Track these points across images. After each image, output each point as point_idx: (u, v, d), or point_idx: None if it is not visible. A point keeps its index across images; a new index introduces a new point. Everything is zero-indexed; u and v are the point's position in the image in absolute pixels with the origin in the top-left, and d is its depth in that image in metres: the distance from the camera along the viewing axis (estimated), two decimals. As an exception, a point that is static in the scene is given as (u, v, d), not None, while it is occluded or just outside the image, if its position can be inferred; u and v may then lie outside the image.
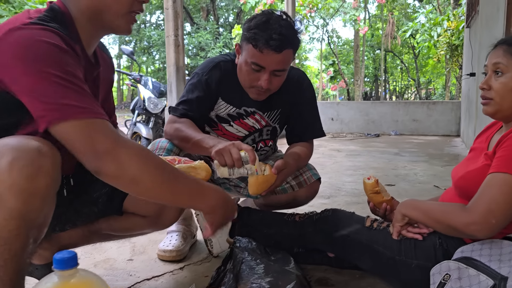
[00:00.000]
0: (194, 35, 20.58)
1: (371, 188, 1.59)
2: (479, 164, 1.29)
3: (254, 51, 1.48)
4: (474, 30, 5.16)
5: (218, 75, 1.66)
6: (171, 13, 4.10)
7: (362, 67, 18.66)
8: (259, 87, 1.55)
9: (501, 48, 1.26)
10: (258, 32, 1.46)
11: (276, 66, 1.51)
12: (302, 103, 1.79)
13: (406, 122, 7.33)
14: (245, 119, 1.76)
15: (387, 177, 3.58)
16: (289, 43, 1.48)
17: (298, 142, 1.81)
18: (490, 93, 1.26)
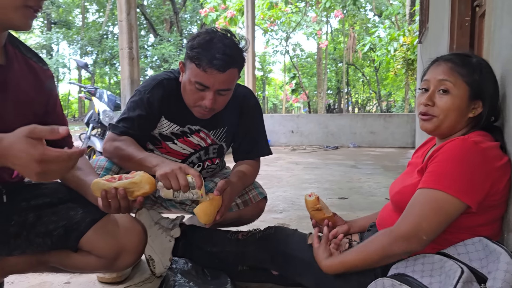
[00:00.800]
0: (157, 46, 20.39)
1: (312, 205, 1.59)
2: (413, 180, 1.30)
3: (197, 70, 1.45)
4: (425, 46, 5.35)
5: (160, 93, 1.62)
6: (125, 26, 4.03)
7: (325, 80, 19.03)
8: (203, 106, 1.52)
9: (446, 65, 1.26)
10: (201, 52, 1.43)
11: (220, 86, 1.48)
12: (248, 121, 1.78)
13: (364, 135, 7.48)
14: (189, 137, 1.73)
15: (341, 190, 3.62)
16: (233, 62, 1.46)
17: (245, 160, 1.80)
18: (433, 110, 1.25)
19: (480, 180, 1.12)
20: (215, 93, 1.49)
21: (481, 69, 1.26)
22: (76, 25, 26.13)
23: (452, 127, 1.26)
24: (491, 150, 1.16)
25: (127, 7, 4.05)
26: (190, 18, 23.03)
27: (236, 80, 1.55)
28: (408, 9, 12.20)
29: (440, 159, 1.17)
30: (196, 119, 1.67)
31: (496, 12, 1.54)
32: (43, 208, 1.22)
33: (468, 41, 2.88)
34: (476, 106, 1.25)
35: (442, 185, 1.12)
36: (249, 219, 1.89)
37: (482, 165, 1.12)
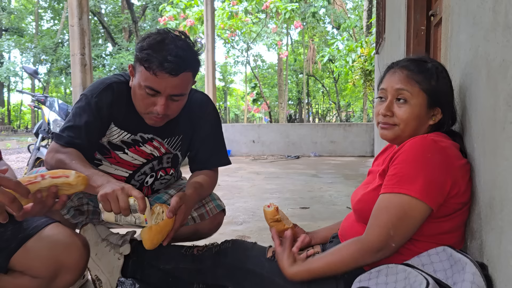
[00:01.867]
0: (115, 55, 19.94)
1: (271, 216, 1.51)
2: (374, 184, 1.25)
3: (147, 74, 1.33)
4: (382, 56, 5.45)
5: (110, 97, 1.48)
6: (76, 31, 3.84)
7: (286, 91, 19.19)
8: (155, 113, 1.41)
9: (402, 73, 1.22)
10: (151, 53, 1.31)
11: (172, 91, 1.36)
12: (205, 129, 1.66)
13: (325, 144, 7.53)
14: (141, 146, 1.60)
15: (302, 200, 3.57)
16: (187, 65, 1.35)
17: (201, 170, 1.69)
18: (393, 120, 1.21)
19: (441, 179, 1.08)
20: (167, 98, 1.38)
21: (438, 74, 1.22)
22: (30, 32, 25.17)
23: (412, 135, 1.22)
24: (450, 149, 1.13)
25: (78, 11, 3.87)
26: (150, 27, 22.70)
27: (190, 85, 1.44)
28: (365, 22, 12.53)
29: (400, 160, 1.12)
30: (148, 126, 1.54)
31: (453, 18, 1.53)
32: None
33: (424, 49, 2.92)
34: (436, 113, 1.22)
35: (404, 188, 1.08)
36: (206, 233, 1.79)
37: (442, 163, 1.09)
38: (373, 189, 1.23)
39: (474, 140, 1.19)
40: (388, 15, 4.53)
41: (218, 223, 1.79)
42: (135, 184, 1.70)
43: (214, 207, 1.75)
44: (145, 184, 1.73)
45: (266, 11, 10.42)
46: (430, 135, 1.16)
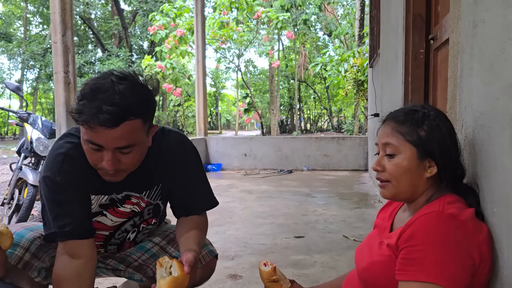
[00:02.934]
0: (105, 62, 19.70)
1: (268, 276, 1.36)
2: (383, 254, 1.11)
3: (83, 128, 1.17)
4: (376, 71, 5.34)
5: (72, 168, 1.30)
6: (60, 48, 3.67)
7: (277, 97, 19.08)
8: (104, 169, 1.23)
9: (389, 125, 1.13)
10: (85, 104, 1.14)
11: (116, 143, 1.18)
12: (186, 173, 1.49)
13: (318, 157, 7.40)
14: (120, 207, 1.44)
15: (297, 226, 3.43)
16: (128, 113, 1.15)
17: (189, 216, 1.51)
18: (385, 175, 1.12)
19: (469, 262, 0.95)
20: (113, 152, 1.20)
21: (428, 123, 1.10)
22: (18, 37, 24.82)
23: (411, 191, 1.11)
24: (470, 221, 1.00)
25: (62, 27, 3.70)
26: (140, 33, 22.49)
27: (141, 133, 1.23)
28: (357, 31, 12.47)
29: (419, 241, 0.98)
30: (120, 185, 1.37)
31: (463, 57, 1.39)
32: None
33: (423, 73, 2.80)
34: (430, 165, 1.09)
35: (432, 276, 0.93)
36: (197, 282, 1.63)
37: (465, 241, 0.96)
38: (383, 261, 1.09)
39: (494, 204, 1.05)
40: (383, 31, 4.41)
41: (211, 270, 1.65)
42: (115, 243, 1.55)
43: (206, 253, 1.60)
44: (127, 240, 1.58)
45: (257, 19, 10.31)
46: (445, 207, 1.03)
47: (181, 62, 9.82)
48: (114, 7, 21.08)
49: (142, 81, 1.23)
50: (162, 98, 23.06)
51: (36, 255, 1.32)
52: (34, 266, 1.32)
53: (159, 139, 1.39)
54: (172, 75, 9.35)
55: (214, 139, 7.82)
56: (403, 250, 1.01)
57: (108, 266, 1.64)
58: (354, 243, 2.92)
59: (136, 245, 1.64)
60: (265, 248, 2.86)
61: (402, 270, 0.99)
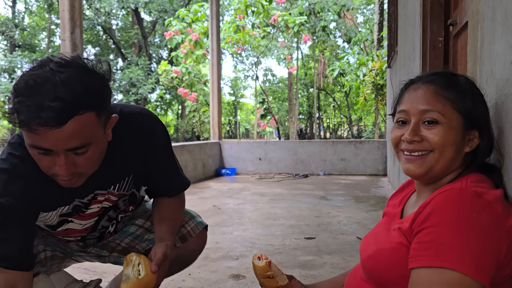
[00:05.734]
0: (125, 70, 19.95)
1: (262, 272, 1.20)
2: (391, 240, 0.95)
3: (24, 131, 0.98)
4: (394, 70, 5.16)
5: (20, 186, 1.12)
6: (68, 45, 3.63)
7: (296, 105, 18.94)
8: (58, 175, 1.05)
9: (428, 89, 0.94)
10: (22, 102, 0.93)
11: (66, 145, 0.98)
12: (156, 157, 1.32)
13: (335, 162, 7.20)
14: (86, 211, 1.30)
15: (308, 228, 3.26)
16: (75, 107, 0.95)
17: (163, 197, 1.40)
18: (424, 145, 0.93)
19: (495, 248, 0.78)
20: (66, 155, 1.00)
21: (474, 90, 0.96)
22: (42, 48, 25.43)
23: (446, 166, 0.93)
24: (497, 203, 0.83)
25: (71, 25, 3.65)
26: (159, 42, 22.73)
27: (96, 128, 1.03)
28: (376, 35, 12.26)
29: (436, 221, 0.81)
30: (82, 190, 1.20)
31: (484, 24, 1.24)
32: None
33: (442, 62, 2.62)
34: (472, 137, 0.94)
35: (449, 261, 0.75)
36: (189, 257, 1.52)
37: (492, 225, 0.79)
38: (391, 248, 0.93)
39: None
40: (401, 27, 4.24)
41: (202, 242, 1.53)
42: (93, 238, 1.44)
43: (195, 225, 1.49)
44: (107, 232, 1.46)
45: (274, 25, 10.23)
46: (468, 183, 0.87)
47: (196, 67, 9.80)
48: (135, 17, 21.40)
49: (90, 65, 1.02)
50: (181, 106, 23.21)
51: None
52: None
53: (119, 126, 1.16)
54: (187, 80, 9.33)
55: (229, 143, 7.71)
56: (418, 233, 0.84)
57: (90, 253, 1.53)
58: (368, 244, 2.73)
59: (117, 233, 1.52)
60: (272, 248, 2.70)
61: (415, 256, 0.82)
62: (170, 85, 9.81)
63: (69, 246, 1.48)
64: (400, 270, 0.89)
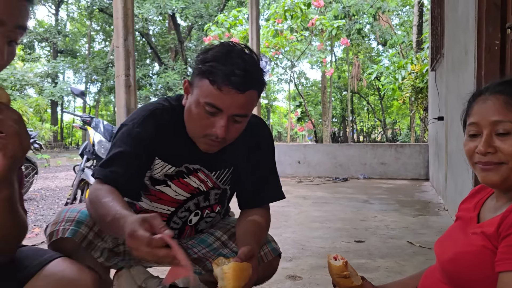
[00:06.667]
0: (162, 75, 20.40)
1: (338, 271, 1.23)
2: (474, 244, 0.98)
3: (210, 88, 1.16)
4: (439, 73, 5.08)
5: (152, 126, 1.29)
6: (121, 52, 3.78)
7: (330, 108, 18.83)
8: (213, 135, 1.21)
9: (497, 100, 0.96)
10: (216, 66, 1.15)
11: (236, 110, 1.18)
12: (259, 158, 1.44)
13: (374, 165, 7.14)
14: (186, 178, 1.39)
15: (356, 231, 3.26)
16: (254, 82, 1.19)
17: (253, 209, 1.45)
18: (498, 157, 0.95)
19: None
20: (229, 119, 1.19)
21: None
22: (82, 53, 26.35)
23: None
24: None
25: (124, 32, 3.81)
26: (195, 47, 23.13)
27: (254, 106, 1.26)
28: (415, 37, 12.06)
29: None
30: (196, 156, 1.34)
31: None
32: None
33: (497, 66, 2.58)
34: None
35: None
36: (258, 281, 1.54)
37: None
38: (475, 251, 0.95)
39: None
40: (449, 29, 4.19)
41: (273, 269, 1.53)
42: (177, 222, 1.50)
43: (269, 251, 1.49)
44: (189, 223, 1.52)
45: (311, 29, 10.24)
46: None
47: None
48: (171, 23, 21.86)
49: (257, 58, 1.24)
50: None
51: (99, 234, 1.30)
52: (97, 246, 1.29)
53: None
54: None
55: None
56: (506, 237, 0.87)
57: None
58: (420, 249, 2.72)
59: (197, 237, 1.58)
60: (324, 251, 2.73)
61: (503, 260, 0.85)
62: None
63: None
64: (483, 272, 0.92)
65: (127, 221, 0.99)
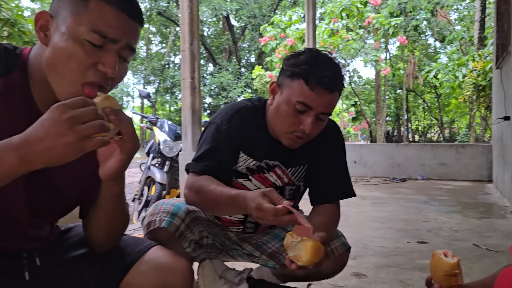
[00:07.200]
0: (216, 75, 20.84)
1: (450, 269, 1.16)
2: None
3: (304, 88, 1.30)
4: (505, 71, 4.89)
5: (239, 123, 1.45)
6: (187, 55, 3.99)
7: (384, 107, 18.40)
8: (300, 131, 1.36)
9: None
10: (309, 69, 1.30)
11: (324, 108, 1.34)
12: (331, 157, 1.55)
13: (434, 166, 6.95)
14: (266, 174, 1.52)
15: (418, 232, 3.25)
16: (339, 84, 1.36)
17: (324, 205, 1.54)
18: None
19: None
20: (315, 116, 1.33)
21: None
22: (141, 56, 27.44)
23: None
24: None
25: (190, 36, 4.01)
26: (248, 47, 23.42)
27: (335, 106, 1.42)
28: (477, 33, 11.56)
29: None
30: (275, 153, 1.48)
31: None
32: (77, 259, 1.09)
33: None
34: None
35: None
36: (329, 274, 1.62)
37: None
38: None
39: None
40: (517, 26, 4.03)
41: (343, 263, 1.62)
42: (253, 220, 1.62)
43: (339, 245, 1.58)
44: None
45: (366, 27, 10.10)
46: None
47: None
48: (225, 24, 22.27)
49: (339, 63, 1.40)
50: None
51: (189, 226, 1.44)
52: (186, 237, 1.43)
53: None
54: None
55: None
56: None
57: (244, 251, 1.70)
58: (487, 252, 2.68)
59: (271, 232, 1.69)
60: (387, 250, 2.76)
61: None
62: (263, 89, 10.14)
63: (228, 237, 1.67)
64: None
65: (247, 197, 1.16)
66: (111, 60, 0.89)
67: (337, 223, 1.56)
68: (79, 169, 0.91)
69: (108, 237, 1.08)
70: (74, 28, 0.86)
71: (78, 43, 0.86)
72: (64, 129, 0.72)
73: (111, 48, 0.89)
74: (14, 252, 1.02)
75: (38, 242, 1.06)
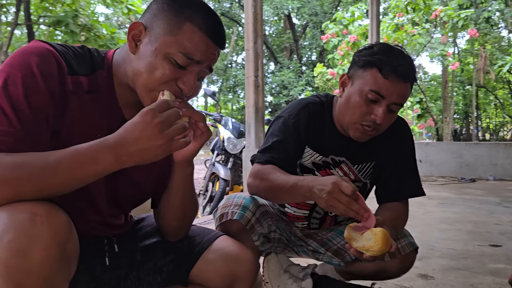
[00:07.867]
0: (277, 74, 20.93)
1: None
2: None
3: (377, 76, 1.31)
4: None
5: (306, 118, 1.47)
6: (251, 54, 4.07)
7: (452, 104, 17.52)
8: (371, 121, 1.34)
9: None
10: (383, 58, 1.31)
11: (396, 98, 1.32)
12: (400, 155, 1.54)
13: (507, 166, 6.55)
14: (332, 169, 1.54)
15: (490, 235, 3.11)
16: (413, 75, 1.34)
17: (391, 203, 1.53)
18: None
19: None
20: (386, 107, 1.32)
21: None
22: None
23: None
24: None
25: (254, 35, 4.09)
26: (309, 45, 23.27)
27: (407, 99, 1.39)
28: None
29: None
30: (341, 149, 1.50)
31: None
32: (151, 247, 1.18)
33: None
34: None
35: None
36: (394, 273, 1.61)
37: None
38: None
39: None
40: None
41: (410, 263, 1.58)
42: (319, 212, 1.65)
43: (406, 244, 1.55)
44: (329, 213, 1.66)
45: (434, 21, 9.68)
46: None
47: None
48: (287, 22, 22.27)
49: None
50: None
51: (259, 220, 1.50)
52: (256, 231, 1.49)
53: None
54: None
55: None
56: None
57: (309, 247, 1.70)
58: None
59: (336, 229, 1.69)
60: (456, 253, 2.67)
61: None
62: (325, 87, 10.05)
63: (294, 233, 1.69)
64: None
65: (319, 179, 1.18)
66: (191, 81, 0.97)
67: (405, 222, 1.54)
68: (154, 164, 1.00)
69: (179, 223, 1.16)
70: (165, 48, 0.94)
71: (166, 60, 0.94)
72: (156, 132, 0.82)
73: (194, 69, 0.96)
74: (96, 238, 1.12)
75: (116, 230, 1.16)
